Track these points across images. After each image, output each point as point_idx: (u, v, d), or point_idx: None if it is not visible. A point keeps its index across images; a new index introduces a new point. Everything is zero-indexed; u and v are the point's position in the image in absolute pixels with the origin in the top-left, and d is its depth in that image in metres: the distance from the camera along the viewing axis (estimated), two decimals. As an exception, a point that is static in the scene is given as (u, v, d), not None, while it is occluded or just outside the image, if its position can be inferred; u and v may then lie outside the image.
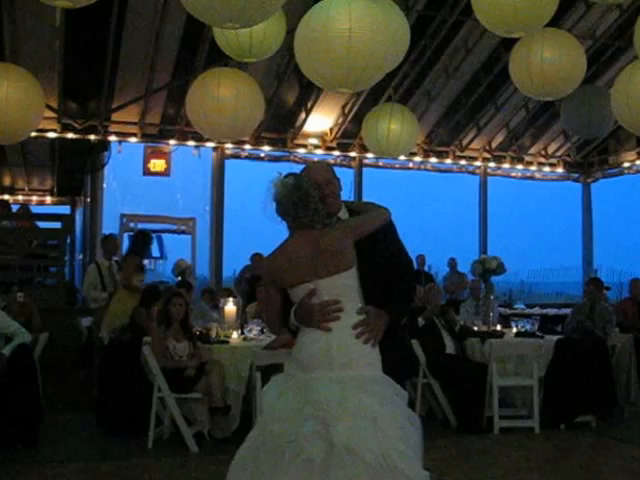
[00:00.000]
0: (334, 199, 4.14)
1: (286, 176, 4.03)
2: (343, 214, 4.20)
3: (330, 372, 3.83)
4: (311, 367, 3.87)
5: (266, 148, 15.19)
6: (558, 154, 17.66)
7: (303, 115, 14.80)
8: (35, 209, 16.84)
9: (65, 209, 17.60)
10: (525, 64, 8.55)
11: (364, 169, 16.17)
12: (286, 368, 4.03)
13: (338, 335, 3.86)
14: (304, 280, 3.94)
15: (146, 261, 28.69)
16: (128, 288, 9.64)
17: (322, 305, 3.88)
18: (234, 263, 14.60)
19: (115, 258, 11.43)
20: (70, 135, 13.81)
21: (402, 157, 14.82)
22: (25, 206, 16.76)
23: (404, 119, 11.35)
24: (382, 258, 4.12)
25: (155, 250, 29.19)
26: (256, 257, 13.65)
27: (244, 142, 14.83)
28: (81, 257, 15.93)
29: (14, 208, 17.02)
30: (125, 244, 16.07)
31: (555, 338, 9.31)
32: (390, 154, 12.20)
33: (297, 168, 4.37)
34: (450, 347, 9.08)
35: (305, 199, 3.93)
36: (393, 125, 11.19)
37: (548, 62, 8.41)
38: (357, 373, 3.82)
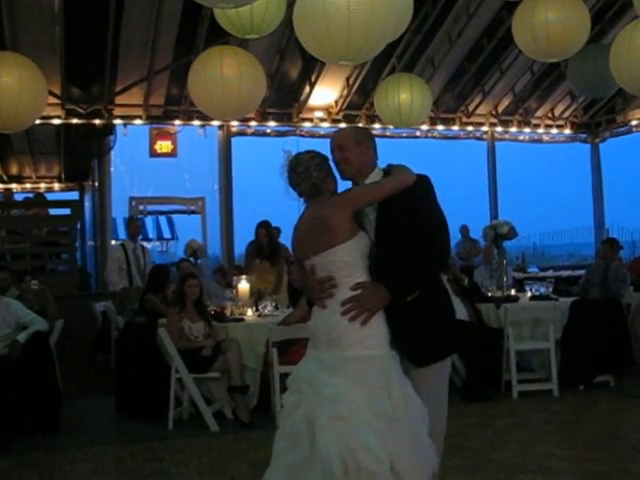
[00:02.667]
0: (345, 164, 4.05)
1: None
2: (375, 177, 4.08)
3: (315, 350, 3.90)
4: (310, 344, 3.97)
5: (272, 124, 15.15)
6: (565, 115, 17.56)
7: (307, 89, 14.73)
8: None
9: (74, 195, 17.67)
10: (530, 26, 8.47)
11: (371, 140, 16.06)
12: None
13: (326, 312, 3.85)
14: (306, 256, 3.96)
15: (158, 243, 28.79)
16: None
17: (317, 282, 3.88)
18: (246, 240, 14.60)
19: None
20: (75, 120, 13.81)
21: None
22: (41, 194, 16.80)
23: (417, 88, 11.30)
24: (402, 228, 3.91)
25: (166, 231, 29.34)
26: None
27: (249, 119, 14.80)
28: (92, 242, 15.98)
29: (23, 196, 17.10)
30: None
31: (570, 300, 9.29)
32: (407, 124, 12.13)
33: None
34: (462, 313, 9.00)
35: (302, 168, 3.96)
36: (407, 95, 11.13)
37: (553, 23, 8.33)
38: (338, 353, 3.76)
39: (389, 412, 3.62)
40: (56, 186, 17.96)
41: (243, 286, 8.85)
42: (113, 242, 14.64)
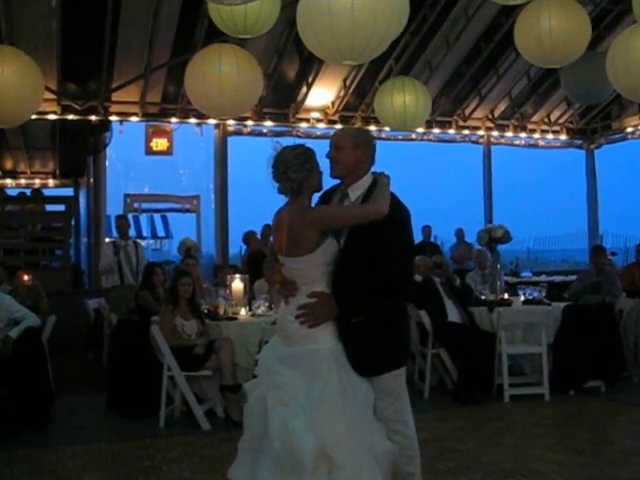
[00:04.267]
0: (336, 164, 4.15)
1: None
2: (365, 183, 4.18)
3: (277, 338, 4.22)
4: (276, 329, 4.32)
5: (268, 123, 15.14)
6: (561, 121, 17.60)
7: (304, 89, 14.73)
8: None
9: (68, 191, 17.62)
10: (534, 32, 8.48)
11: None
12: None
13: (285, 311, 4.15)
14: (279, 252, 4.17)
15: (152, 241, 28.76)
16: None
17: (282, 282, 4.17)
18: (240, 240, 14.59)
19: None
20: (71, 116, 13.76)
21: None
22: (38, 190, 16.79)
23: (416, 92, 11.32)
24: (367, 246, 4.03)
25: (161, 230, 29.27)
26: (249, 235, 13.67)
27: (246, 118, 14.78)
28: (86, 239, 15.95)
29: (17, 192, 17.06)
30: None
31: (563, 305, 9.31)
32: (406, 127, 12.14)
33: (299, 143, 4.36)
34: (454, 315, 9.03)
35: (283, 168, 4.05)
36: (406, 98, 11.15)
37: (556, 29, 8.35)
38: (288, 348, 4.08)
39: (325, 400, 3.88)
40: (51, 182, 17.91)
41: (237, 285, 8.84)
42: (107, 240, 14.64)
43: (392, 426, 4.16)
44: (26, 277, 9.94)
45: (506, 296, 9.76)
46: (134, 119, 14.32)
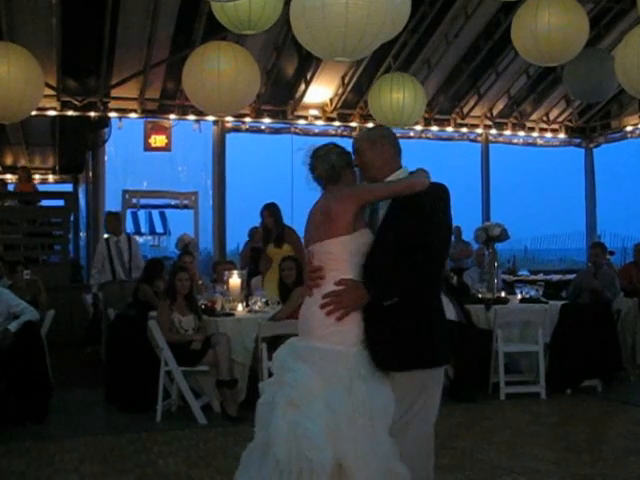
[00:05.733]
0: (364, 169, 4.03)
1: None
2: (399, 176, 4.01)
3: (297, 336, 3.97)
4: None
5: (266, 120, 15.15)
6: (560, 119, 17.58)
7: (303, 86, 14.74)
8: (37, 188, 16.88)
9: (68, 187, 17.64)
10: (531, 30, 8.50)
11: (364, 139, 16.07)
12: None
13: (310, 301, 3.88)
14: (309, 242, 4.00)
15: (150, 237, 28.79)
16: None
17: (309, 270, 3.92)
18: (237, 236, 14.59)
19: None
20: (70, 112, 13.79)
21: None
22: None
23: (411, 88, 11.33)
24: (399, 231, 3.80)
25: (159, 226, 29.26)
26: (255, 230, 13.63)
27: (244, 115, 14.80)
28: (85, 234, 15.97)
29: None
30: (128, 220, 16.21)
31: (560, 303, 9.33)
32: (400, 124, 12.14)
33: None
34: (450, 313, 9.02)
35: (323, 151, 4.00)
36: (401, 95, 11.17)
37: (555, 28, 8.37)
38: (308, 342, 3.82)
39: (345, 408, 3.63)
40: (50, 178, 17.96)
41: (234, 281, 8.85)
42: (106, 235, 14.69)
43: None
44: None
45: (503, 294, 9.78)
46: (133, 115, 14.35)
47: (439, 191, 3.94)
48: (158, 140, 15.06)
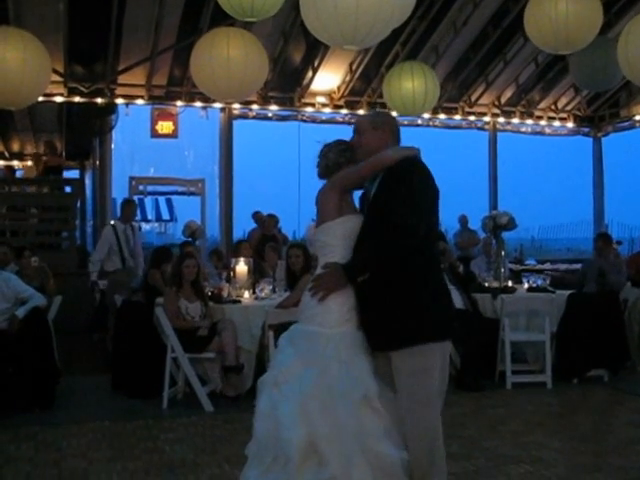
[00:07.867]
0: (359, 149, 4.09)
1: None
2: None
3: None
4: None
5: (273, 108, 15.13)
6: (568, 108, 17.52)
7: (310, 74, 14.71)
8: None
9: (74, 173, 17.65)
10: (548, 18, 8.44)
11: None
12: None
13: (307, 287, 4.05)
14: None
15: (156, 224, 28.79)
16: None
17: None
18: (244, 223, 14.62)
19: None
20: (77, 99, 13.79)
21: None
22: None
23: (428, 77, 11.31)
24: (380, 209, 3.87)
25: (165, 213, 29.29)
26: (257, 215, 13.68)
27: (251, 102, 14.78)
28: (92, 221, 15.98)
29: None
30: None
31: (567, 293, 9.31)
32: (415, 113, 12.13)
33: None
34: (457, 301, 9.02)
35: (325, 149, 4.17)
36: (418, 83, 11.15)
37: (571, 15, 8.32)
38: (298, 325, 4.05)
39: (315, 390, 3.75)
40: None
41: (241, 268, 8.85)
42: (112, 222, 14.72)
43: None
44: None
45: (510, 283, 9.77)
46: (140, 102, 14.33)
47: (407, 164, 3.92)
48: (165, 127, 15.08)
